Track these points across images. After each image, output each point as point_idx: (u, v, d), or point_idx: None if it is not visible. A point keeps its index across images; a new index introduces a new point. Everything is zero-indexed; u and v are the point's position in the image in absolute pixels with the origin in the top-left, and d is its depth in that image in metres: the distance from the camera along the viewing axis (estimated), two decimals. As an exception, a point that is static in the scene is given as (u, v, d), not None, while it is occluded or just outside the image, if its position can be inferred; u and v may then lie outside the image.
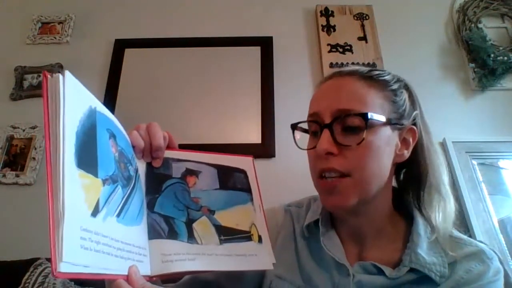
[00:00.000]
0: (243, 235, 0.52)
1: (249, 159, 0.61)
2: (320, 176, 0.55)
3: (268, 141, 1.42)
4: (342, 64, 1.54)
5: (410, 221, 0.58)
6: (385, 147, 0.54)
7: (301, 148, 0.59)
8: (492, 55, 1.48)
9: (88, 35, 1.67)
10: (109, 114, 0.41)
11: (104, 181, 0.36)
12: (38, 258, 1.11)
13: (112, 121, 0.42)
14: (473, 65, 1.53)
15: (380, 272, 0.54)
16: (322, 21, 1.64)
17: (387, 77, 0.58)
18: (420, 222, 0.57)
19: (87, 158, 0.34)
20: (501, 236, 1.26)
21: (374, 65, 1.53)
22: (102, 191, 0.36)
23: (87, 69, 1.59)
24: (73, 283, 1.08)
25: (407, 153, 0.57)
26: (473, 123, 1.46)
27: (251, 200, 0.57)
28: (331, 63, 1.54)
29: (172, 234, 0.47)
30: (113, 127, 0.41)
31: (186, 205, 0.51)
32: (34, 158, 1.41)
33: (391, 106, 0.56)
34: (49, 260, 1.10)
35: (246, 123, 1.46)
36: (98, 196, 0.35)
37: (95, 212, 0.34)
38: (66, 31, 1.65)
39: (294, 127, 0.61)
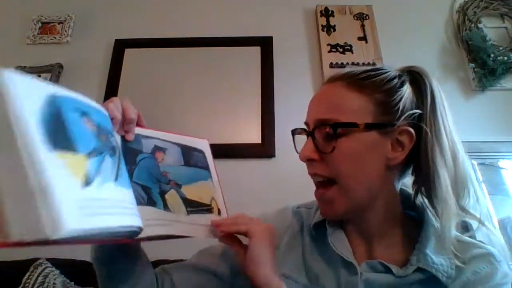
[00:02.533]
0: (205, 208, 0.58)
1: (205, 141, 0.66)
2: (315, 183, 0.60)
3: (268, 141, 1.42)
4: (342, 64, 1.54)
5: (420, 223, 0.58)
6: (368, 152, 0.54)
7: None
8: (492, 55, 1.48)
9: (88, 35, 1.67)
10: (74, 95, 0.44)
11: (89, 154, 0.39)
12: (38, 258, 1.11)
13: (80, 101, 0.44)
14: (473, 65, 1.53)
15: (388, 270, 0.55)
16: (322, 21, 1.64)
17: (380, 77, 0.57)
18: (430, 225, 0.57)
19: (60, 140, 0.36)
20: (501, 236, 1.26)
21: (374, 65, 1.53)
22: (89, 164, 0.39)
23: (87, 69, 1.59)
24: (73, 283, 1.08)
25: (401, 156, 0.55)
26: (473, 123, 1.46)
27: (210, 177, 0.62)
28: (331, 63, 1.54)
29: (151, 202, 0.52)
30: (83, 106, 0.44)
31: (158, 178, 0.55)
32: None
33: (379, 109, 0.54)
34: (49, 260, 1.10)
35: (246, 123, 1.46)
36: (86, 169, 0.38)
37: (87, 183, 0.37)
38: (66, 31, 1.66)
39: (293, 133, 0.65)
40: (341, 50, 1.58)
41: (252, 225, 0.53)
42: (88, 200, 0.36)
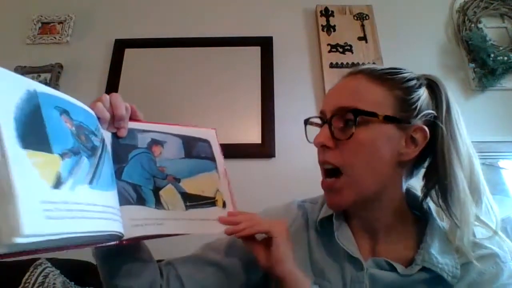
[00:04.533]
0: (208, 201, 0.56)
1: (212, 130, 0.63)
2: (323, 173, 0.60)
3: (268, 141, 1.42)
4: (342, 64, 1.54)
5: (424, 224, 0.59)
6: (383, 144, 0.54)
7: (310, 142, 0.62)
8: (492, 55, 1.48)
9: (88, 35, 1.67)
10: (56, 93, 0.43)
11: (63, 155, 0.38)
12: (38, 258, 1.11)
13: (62, 99, 0.43)
14: (473, 65, 1.53)
15: (392, 269, 0.56)
16: (322, 21, 1.64)
17: (400, 75, 0.58)
18: (435, 225, 0.58)
19: (34, 138, 0.35)
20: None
21: (374, 65, 1.53)
22: (62, 164, 0.37)
23: (87, 69, 1.59)
24: (73, 283, 1.08)
25: (414, 152, 0.55)
26: (473, 123, 1.46)
27: (216, 168, 0.60)
28: (331, 63, 1.54)
29: (140, 201, 0.50)
30: (64, 104, 0.43)
31: (153, 174, 0.54)
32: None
33: (398, 104, 0.55)
34: (49, 260, 1.10)
35: (246, 123, 1.46)
36: (58, 169, 0.36)
37: (58, 184, 0.35)
38: (66, 31, 1.65)
39: (306, 122, 0.65)
40: (341, 50, 1.58)
41: (273, 225, 0.53)
42: (57, 203, 0.34)
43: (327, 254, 0.61)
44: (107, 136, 0.51)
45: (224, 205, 0.57)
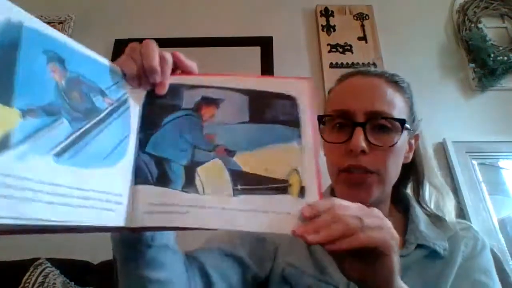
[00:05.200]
0: (274, 185, 0.39)
1: (304, 81, 0.44)
2: (344, 170, 0.56)
3: (268, 141, 1.41)
4: (342, 64, 1.54)
5: (406, 213, 0.64)
6: (402, 149, 0.59)
7: (326, 141, 0.60)
8: (492, 55, 1.48)
9: (88, 35, 1.67)
10: (55, 34, 0.34)
11: (27, 112, 0.29)
12: (38, 258, 1.11)
13: (61, 42, 0.34)
14: (473, 65, 1.53)
15: None
16: (322, 21, 1.64)
17: (405, 84, 0.62)
18: (416, 207, 0.63)
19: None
20: (501, 236, 1.26)
21: (374, 65, 1.53)
22: (20, 124, 0.29)
23: (87, 69, 1.59)
24: (73, 283, 1.08)
25: (411, 156, 0.62)
26: (473, 123, 1.46)
27: (299, 136, 0.41)
28: (331, 63, 1.54)
29: (162, 180, 0.38)
30: (61, 50, 0.34)
31: (194, 144, 0.40)
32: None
33: (409, 112, 0.60)
34: (49, 260, 1.10)
35: (246, 123, 1.46)
36: (10, 128, 0.28)
37: (1, 146, 0.27)
38: (66, 31, 1.65)
39: (321, 120, 0.61)
40: (341, 50, 1.58)
41: (382, 236, 0.37)
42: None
43: (323, 252, 0.61)
44: (138, 96, 0.41)
45: (301, 192, 0.38)
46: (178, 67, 0.43)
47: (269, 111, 0.42)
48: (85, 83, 0.36)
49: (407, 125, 0.57)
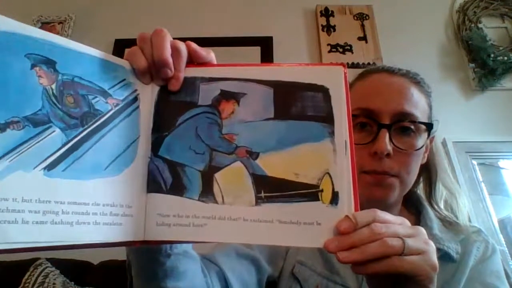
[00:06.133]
0: (304, 191, 0.34)
1: (339, 68, 0.38)
2: (366, 172, 0.54)
3: (268, 141, 1.41)
4: (342, 64, 1.54)
5: (417, 214, 0.63)
6: (422, 152, 0.58)
7: (357, 144, 0.56)
8: (492, 55, 1.48)
9: (88, 36, 1.67)
10: (46, 36, 0.31)
11: (7, 124, 0.27)
12: (38, 258, 1.11)
13: (53, 44, 0.31)
14: (473, 65, 1.53)
15: None
16: (322, 21, 1.64)
17: (426, 84, 0.60)
18: (429, 210, 0.62)
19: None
20: (501, 236, 1.26)
21: (374, 65, 1.53)
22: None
23: (87, 69, 1.59)
24: (73, 283, 1.08)
25: (426, 157, 0.61)
26: (473, 123, 1.46)
27: (331, 134, 0.35)
28: (331, 63, 1.54)
29: (176, 188, 0.35)
30: (53, 52, 0.31)
31: (212, 146, 0.36)
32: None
33: (430, 115, 0.59)
34: (49, 260, 1.10)
35: (246, 123, 1.46)
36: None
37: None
38: (66, 31, 1.65)
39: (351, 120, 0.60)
40: (341, 50, 1.58)
41: (420, 264, 0.32)
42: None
43: None
44: (149, 92, 0.37)
45: (334, 199, 0.33)
46: (193, 58, 0.38)
47: (298, 105, 0.36)
48: (82, 85, 0.32)
49: (432, 128, 0.55)
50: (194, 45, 0.38)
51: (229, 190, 0.34)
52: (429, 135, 0.56)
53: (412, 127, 0.54)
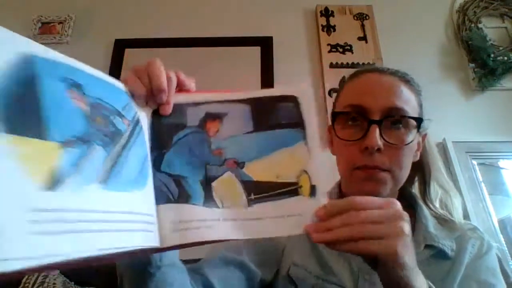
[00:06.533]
0: (285, 189, 0.40)
1: (304, 84, 0.45)
2: (358, 167, 0.56)
3: (268, 141, 1.41)
4: (342, 64, 1.54)
5: (412, 212, 0.63)
6: (414, 149, 0.60)
7: (341, 138, 0.59)
8: (492, 55, 1.48)
9: (88, 35, 1.67)
10: (65, 59, 0.33)
11: (65, 144, 0.29)
12: (38, 258, 1.11)
13: (73, 68, 0.34)
14: (473, 65, 1.53)
15: None
16: (322, 21, 1.64)
17: (416, 83, 0.63)
18: (424, 208, 0.63)
19: (23, 119, 0.26)
20: (501, 236, 1.26)
21: (374, 65, 1.53)
22: (62, 157, 0.28)
23: (87, 69, 1.59)
24: (73, 283, 1.08)
25: (419, 155, 0.62)
26: (473, 123, 1.46)
27: (304, 138, 0.41)
28: (331, 63, 1.54)
29: (183, 197, 0.39)
30: (76, 75, 0.33)
31: (204, 160, 0.41)
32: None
33: (420, 112, 0.61)
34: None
35: (246, 123, 1.46)
36: (55, 163, 0.27)
37: (53, 184, 0.26)
38: (66, 31, 1.65)
39: (335, 116, 0.60)
40: (341, 50, 1.58)
41: (389, 245, 0.36)
42: (51, 211, 0.25)
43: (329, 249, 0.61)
44: (144, 115, 0.41)
45: (312, 192, 0.39)
46: (179, 85, 0.43)
47: (272, 117, 0.42)
48: (104, 106, 0.35)
49: (422, 123, 0.58)
50: (182, 75, 0.44)
51: (225, 196, 0.40)
52: (418, 131, 0.58)
53: (404, 122, 0.56)
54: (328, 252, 0.59)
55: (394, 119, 0.56)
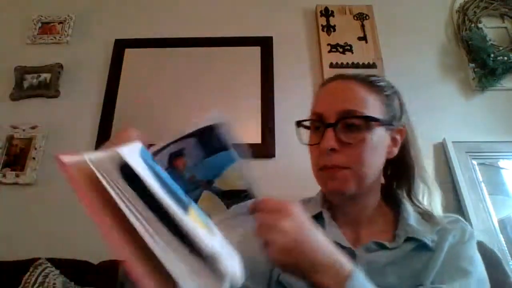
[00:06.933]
0: (243, 195, 0.50)
1: (216, 112, 0.54)
2: (321, 168, 0.62)
3: (268, 141, 1.42)
4: (342, 64, 1.54)
5: (397, 209, 0.67)
6: (379, 144, 0.63)
7: (304, 143, 0.65)
8: (492, 55, 1.48)
9: (88, 35, 1.67)
10: (139, 146, 0.42)
11: (190, 203, 0.39)
12: (38, 258, 1.11)
13: (143, 148, 0.43)
14: (473, 65, 1.53)
15: (381, 247, 0.61)
16: (322, 21, 1.64)
17: (382, 83, 0.66)
18: (407, 203, 0.67)
19: (175, 199, 0.35)
20: (501, 236, 1.26)
21: (374, 65, 1.53)
22: (196, 212, 0.38)
23: (87, 69, 1.59)
24: (73, 283, 1.08)
25: (396, 151, 0.66)
26: (473, 123, 1.46)
27: (234, 156, 0.51)
28: (331, 63, 1.54)
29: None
30: (148, 156, 0.42)
31: (186, 189, 0.48)
32: (34, 158, 1.41)
33: (386, 109, 0.64)
34: (49, 260, 1.10)
35: (246, 123, 1.46)
36: (200, 218, 0.37)
37: (210, 231, 0.37)
38: (66, 31, 1.66)
39: (299, 124, 0.67)
40: (341, 50, 1.58)
41: (274, 237, 0.42)
42: (222, 247, 0.36)
43: None
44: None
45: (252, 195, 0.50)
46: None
47: (211, 143, 0.51)
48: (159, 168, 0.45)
49: (379, 121, 0.61)
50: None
51: (212, 208, 0.49)
52: (373, 127, 0.60)
53: (358, 122, 0.60)
54: None
55: (345, 120, 0.60)
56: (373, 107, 0.62)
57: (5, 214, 1.34)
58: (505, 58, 1.48)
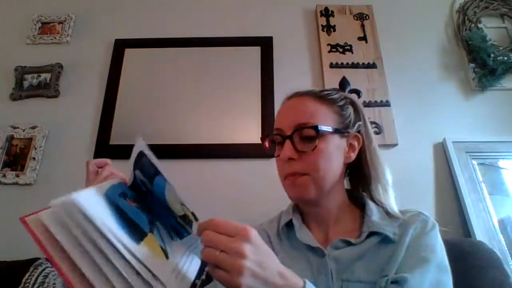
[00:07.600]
0: (186, 221, 0.49)
1: (137, 138, 0.50)
2: (285, 177, 0.70)
3: (268, 141, 1.41)
4: (342, 64, 1.54)
5: (363, 209, 0.73)
6: (335, 151, 0.69)
7: (273, 156, 0.74)
8: (492, 55, 1.48)
9: (88, 35, 1.67)
10: (112, 183, 0.46)
11: (150, 229, 0.42)
12: (38, 258, 1.11)
13: (114, 185, 0.46)
14: (473, 65, 1.53)
15: (347, 244, 0.67)
16: (322, 21, 1.64)
17: (334, 96, 0.74)
18: (371, 203, 0.73)
19: (134, 229, 0.39)
20: (501, 236, 1.26)
21: (374, 65, 1.53)
22: (156, 238, 0.41)
23: (87, 69, 1.59)
24: (73, 283, 1.08)
25: (353, 155, 0.73)
26: (473, 123, 1.46)
27: (166, 179, 0.48)
28: (331, 63, 1.54)
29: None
30: (122, 189, 0.46)
31: (149, 220, 0.49)
32: (34, 158, 1.41)
33: (339, 118, 0.72)
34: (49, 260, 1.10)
35: (246, 123, 1.46)
36: (158, 243, 0.40)
37: (167, 254, 0.40)
38: (66, 31, 1.66)
39: (263, 139, 0.76)
40: (341, 50, 1.58)
41: (220, 259, 0.41)
42: (176, 270, 0.40)
43: (291, 255, 0.71)
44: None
45: (195, 217, 0.48)
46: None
47: (148, 169, 0.49)
48: (135, 198, 0.51)
49: (330, 129, 0.68)
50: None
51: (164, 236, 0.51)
52: (322, 136, 0.67)
53: (310, 132, 0.67)
54: (290, 259, 0.69)
55: (299, 132, 0.68)
56: (324, 118, 0.69)
57: (5, 214, 1.34)
58: (505, 58, 1.48)
